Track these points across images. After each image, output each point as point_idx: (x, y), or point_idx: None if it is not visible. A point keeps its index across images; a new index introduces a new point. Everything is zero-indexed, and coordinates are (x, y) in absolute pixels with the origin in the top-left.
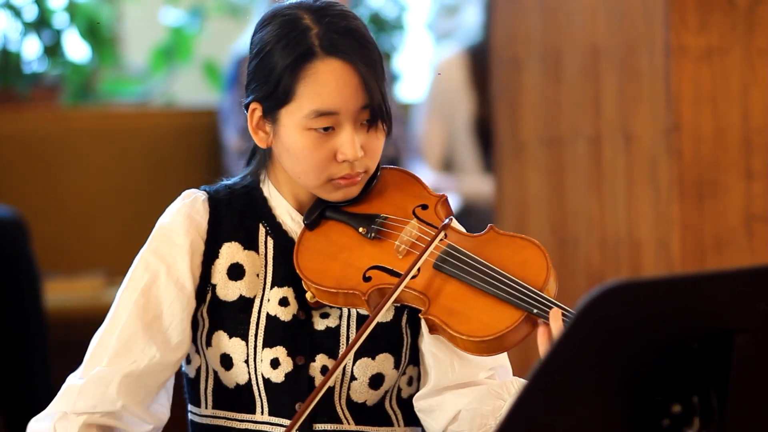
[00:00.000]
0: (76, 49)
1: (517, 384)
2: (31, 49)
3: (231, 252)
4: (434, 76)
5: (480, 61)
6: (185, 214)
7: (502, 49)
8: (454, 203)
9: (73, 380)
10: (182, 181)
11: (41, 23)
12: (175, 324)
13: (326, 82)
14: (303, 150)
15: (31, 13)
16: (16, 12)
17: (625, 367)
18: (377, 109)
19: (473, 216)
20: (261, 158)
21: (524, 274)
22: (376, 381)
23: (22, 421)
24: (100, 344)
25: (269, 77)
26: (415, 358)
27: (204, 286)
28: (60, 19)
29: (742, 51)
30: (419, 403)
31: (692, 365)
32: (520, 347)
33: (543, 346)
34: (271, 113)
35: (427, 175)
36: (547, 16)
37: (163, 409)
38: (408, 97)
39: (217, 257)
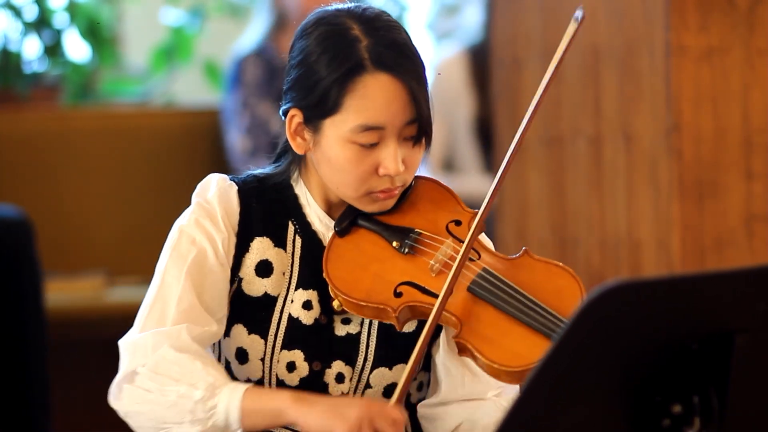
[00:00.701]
0: (77, 49)
1: None
2: (31, 49)
3: (262, 248)
4: (434, 76)
5: (480, 61)
6: (219, 201)
7: (502, 49)
8: None
9: (130, 338)
10: (182, 182)
11: (41, 23)
12: (219, 300)
13: (375, 97)
14: (345, 163)
15: (31, 12)
16: (17, 12)
17: (626, 367)
18: (425, 124)
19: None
20: (294, 158)
21: (558, 304)
22: (389, 390)
23: (20, 422)
24: (155, 313)
25: (315, 87)
26: (427, 364)
27: (233, 276)
28: (60, 19)
29: (742, 51)
30: (423, 410)
31: (692, 365)
32: None
33: None
34: (313, 122)
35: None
36: (547, 16)
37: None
38: None
39: (248, 251)
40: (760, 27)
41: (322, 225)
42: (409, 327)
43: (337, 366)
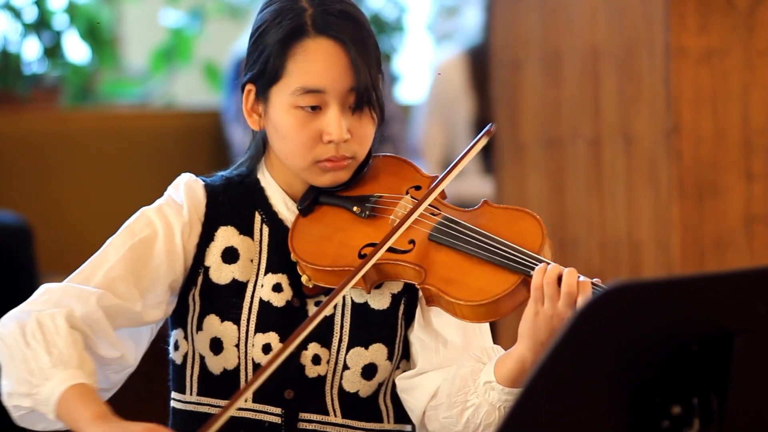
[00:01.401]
0: (76, 50)
1: (498, 351)
2: (31, 51)
3: (227, 235)
4: (434, 78)
5: (480, 63)
6: (187, 195)
7: (502, 51)
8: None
9: (50, 285)
10: None
11: (41, 24)
12: (157, 286)
13: (314, 60)
14: (290, 128)
15: (31, 14)
16: (16, 13)
17: (625, 368)
18: (364, 92)
19: None
20: (257, 147)
21: (520, 241)
22: (368, 371)
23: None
24: (86, 270)
25: (261, 56)
26: (408, 351)
27: (197, 267)
28: (60, 21)
29: (742, 52)
30: (401, 383)
31: (692, 366)
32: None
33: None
34: (263, 93)
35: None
36: (547, 17)
37: (130, 350)
38: (408, 99)
39: (213, 240)
40: (760, 28)
41: (289, 212)
42: (383, 304)
43: (313, 348)
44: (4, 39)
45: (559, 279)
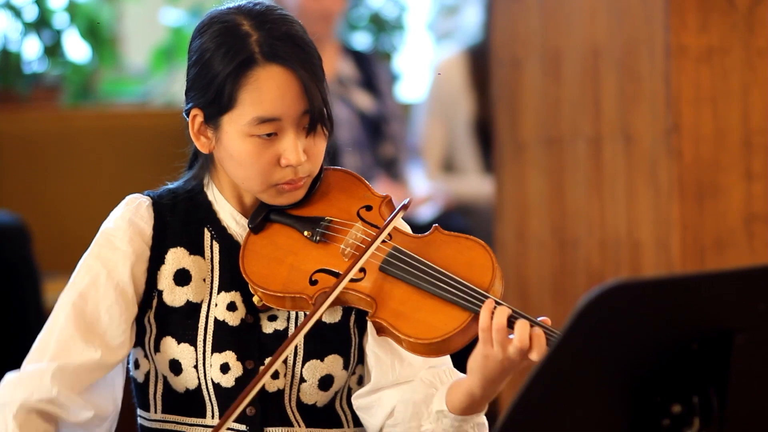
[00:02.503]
0: (77, 49)
1: (450, 374)
2: (31, 50)
3: (177, 257)
4: (434, 77)
5: (480, 62)
6: (129, 220)
7: (502, 50)
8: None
9: (9, 375)
10: None
11: (41, 23)
12: (114, 327)
13: (268, 89)
14: (246, 156)
15: (31, 13)
16: (17, 12)
17: (625, 367)
18: (318, 114)
19: (473, 217)
20: (204, 162)
21: (470, 275)
22: (325, 382)
23: None
24: (39, 346)
25: (210, 85)
26: (362, 357)
27: (150, 291)
28: (60, 20)
29: (742, 51)
30: (358, 401)
31: (692, 365)
32: None
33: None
34: (213, 120)
35: (426, 175)
36: (547, 16)
37: (104, 401)
38: (408, 98)
39: (163, 263)
40: (760, 27)
41: (239, 227)
42: (334, 317)
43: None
44: (4, 38)
45: (510, 322)
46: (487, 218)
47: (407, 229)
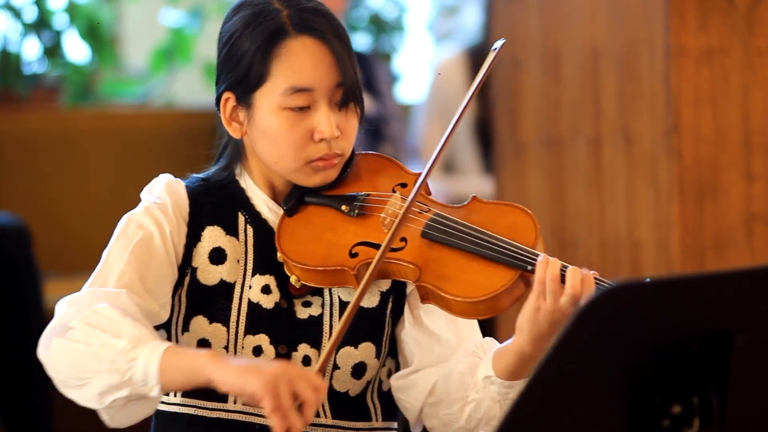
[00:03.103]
0: (76, 50)
1: (491, 344)
2: (31, 50)
3: (213, 236)
4: (434, 77)
5: (480, 62)
6: (169, 195)
7: (501, 50)
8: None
9: (72, 296)
10: None
11: (41, 24)
12: (164, 284)
13: (300, 59)
14: (280, 130)
15: (31, 14)
16: (16, 13)
17: (626, 367)
18: (351, 87)
19: None
20: (234, 153)
21: (514, 235)
22: (358, 370)
23: (23, 422)
24: (95, 282)
25: (240, 61)
26: (393, 349)
27: (184, 268)
28: (60, 20)
29: (742, 51)
30: (396, 382)
31: (692, 366)
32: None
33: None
34: (245, 99)
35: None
36: (547, 16)
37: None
38: (408, 98)
39: (199, 240)
40: (760, 27)
41: (272, 213)
42: (372, 302)
43: (303, 349)
44: (4, 39)
45: (561, 274)
46: None
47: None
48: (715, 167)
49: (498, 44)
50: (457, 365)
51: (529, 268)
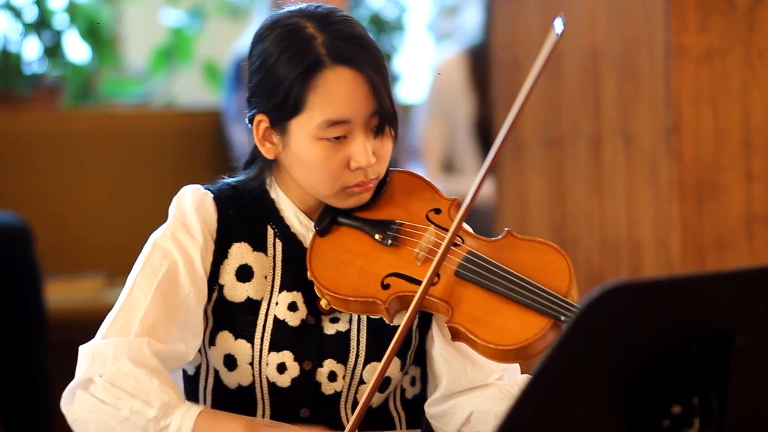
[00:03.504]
0: (77, 50)
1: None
2: (31, 50)
3: (240, 253)
4: (434, 77)
5: (480, 62)
6: (197, 211)
7: (501, 50)
8: None
9: (93, 344)
10: (182, 183)
11: (41, 24)
12: (193, 316)
13: (337, 91)
14: (316, 160)
15: (31, 14)
16: (17, 13)
17: (625, 368)
18: (387, 115)
19: (473, 217)
20: (265, 162)
21: (547, 280)
22: (383, 384)
23: (21, 422)
24: (117, 326)
25: (277, 89)
26: (420, 359)
27: (211, 285)
28: (60, 20)
29: (742, 52)
30: (431, 410)
31: (692, 366)
32: None
33: None
34: (279, 125)
35: (426, 175)
36: (547, 16)
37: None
38: (408, 98)
39: (226, 257)
40: (760, 28)
41: (302, 227)
42: (398, 320)
43: (329, 365)
44: (4, 39)
45: None
46: (487, 218)
47: (476, 234)
48: (716, 167)
49: (558, 26)
50: (495, 405)
51: (562, 318)
